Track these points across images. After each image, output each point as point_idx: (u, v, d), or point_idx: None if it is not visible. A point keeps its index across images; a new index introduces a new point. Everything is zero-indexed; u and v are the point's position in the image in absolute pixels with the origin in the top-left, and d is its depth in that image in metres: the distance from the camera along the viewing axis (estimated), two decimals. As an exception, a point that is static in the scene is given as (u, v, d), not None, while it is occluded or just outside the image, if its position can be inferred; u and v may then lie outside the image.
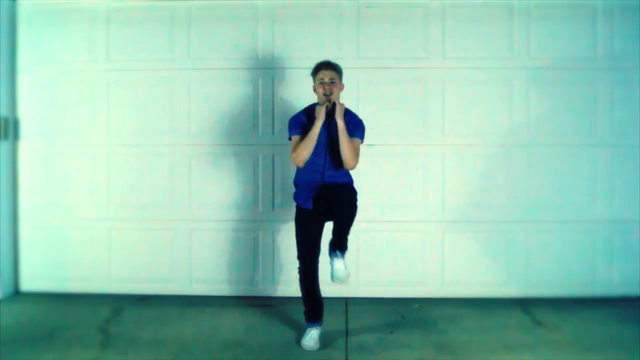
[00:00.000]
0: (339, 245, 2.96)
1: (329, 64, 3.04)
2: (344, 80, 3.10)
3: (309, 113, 3.06)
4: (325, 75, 3.00)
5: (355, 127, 3.04)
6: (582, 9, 3.76)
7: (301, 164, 3.00)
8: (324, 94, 2.98)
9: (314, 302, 3.08)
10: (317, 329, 3.05)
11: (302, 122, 3.04)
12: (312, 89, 3.11)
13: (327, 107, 2.94)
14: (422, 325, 3.32)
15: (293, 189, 3.81)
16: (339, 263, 2.94)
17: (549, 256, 3.78)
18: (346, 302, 3.68)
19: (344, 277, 2.90)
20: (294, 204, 3.80)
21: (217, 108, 3.83)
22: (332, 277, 2.92)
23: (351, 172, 3.08)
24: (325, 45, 3.75)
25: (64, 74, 3.85)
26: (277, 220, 3.83)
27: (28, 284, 3.91)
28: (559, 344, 3.04)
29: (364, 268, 3.77)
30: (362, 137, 3.07)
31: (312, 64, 3.06)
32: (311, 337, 3.01)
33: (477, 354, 2.91)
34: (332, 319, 3.26)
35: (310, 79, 3.10)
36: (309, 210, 3.01)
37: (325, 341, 3.05)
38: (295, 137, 3.02)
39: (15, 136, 3.90)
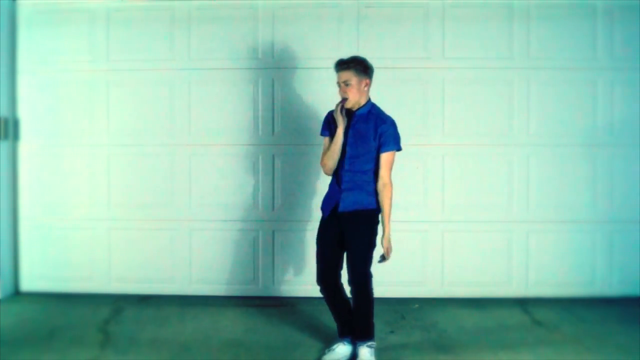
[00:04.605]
0: (360, 332, 2.79)
1: (341, 63, 2.75)
2: None
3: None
4: (339, 77, 2.74)
5: (387, 138, 2.72)
6: (582, 9, 3.76)
7: (329, 173, 2.84)
8: (342, 98, 2.76)
9: (334, 315, 2.92)
10: (344, 344, 2.86)
11: (328, 121, 2.84)
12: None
13: (340, 109, 2.73)
14: (422, 325, 3.32)
15: (293, 189, 3.83)
16: (364, 351, 2.77)
17: (549, 256, 3.78)
18: (346, 302, 3.68)
19: None
20: (294, 203, 3.83)
21: (217, 108, 3.83)
22: None
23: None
24: (325, 46, 3.75)
25: (64, 74, 3.86)
26: (277, 220, 3.83)
27: (28, 284, 3.91)
28: (559, 344, 3.04)
29: (364, 268, 3.76)
30: (394, 147, 2.74)
31: (312, 64, 3.03)
32: (332, 350, 2.84)
33: (477, 354, 2.91)
34: (331, 319, 3.26)
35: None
36: (326, 216, 2.85)
37: (325, 341, 3.05)
38: (325, 139, 2.85)
39: (15, 136, 3.90)
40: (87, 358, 2.85)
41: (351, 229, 2.76)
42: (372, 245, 2.79)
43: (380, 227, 2.81)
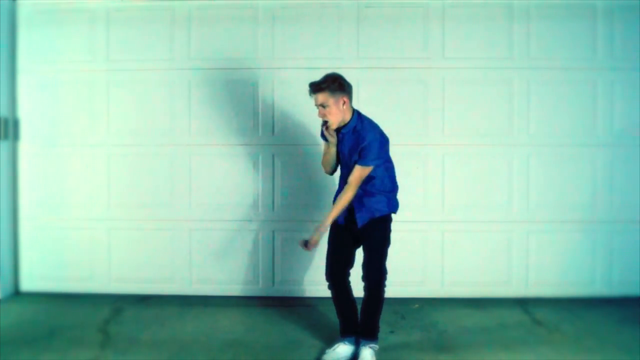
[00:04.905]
0: (365, 331, 2.82)
1: (313, 85, 2.70)
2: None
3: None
4: (315, 100, 2.69)
5: (366, 154, 2.67)
6: (582, 9, 3.76)
7: (329, 174, 2.98)
8: (323, 121, 2.74)
9: (338, 314, 2.94)
10: (345, 344, 2.88)
11: (322, 129, 2.82)
12: None
13: (327, 129, 2.75)
14: (422, 325, 3.32)
15: (293, 189, 3.83)
16: (366, 352, 2.79)
17: (549, 256, 3.78)
18: (346, 302, 3.68)
19: None
20: (294, 203, 3.83)
21: (217, 108, 3.83)
22: None
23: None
24: (325, 46, 3.75)
25: (64, 74, 3.86)
26: (277, 220, 3.83)
27: (28, 284, 3.91)
28: (559, 344, 3.05)
29: (364, 268, 3.76)
30: (371, 163, 2.69)
31: (312, 64, 3.03)
32: (333, 350, 2.86)
33: (477, 354, 2.91)
34: (332, 319, 3.26)
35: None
36: (341, 224, 2.84)
37: (325, 341, 3.05)
38: (324, 142, 2.88)
39: (15, 136, 3.90)
40: (87, 358, 2.86)
41: (367, 235, 2.80)
42: (388, 242, 2.85)
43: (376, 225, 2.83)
